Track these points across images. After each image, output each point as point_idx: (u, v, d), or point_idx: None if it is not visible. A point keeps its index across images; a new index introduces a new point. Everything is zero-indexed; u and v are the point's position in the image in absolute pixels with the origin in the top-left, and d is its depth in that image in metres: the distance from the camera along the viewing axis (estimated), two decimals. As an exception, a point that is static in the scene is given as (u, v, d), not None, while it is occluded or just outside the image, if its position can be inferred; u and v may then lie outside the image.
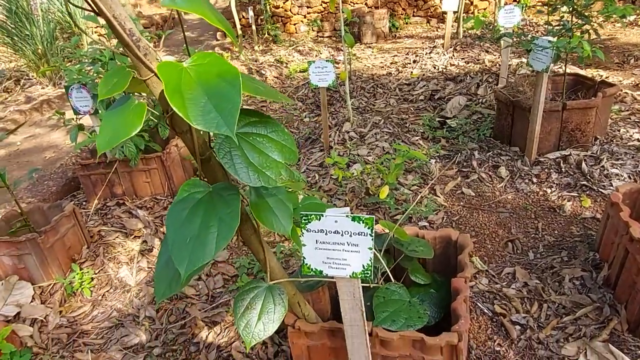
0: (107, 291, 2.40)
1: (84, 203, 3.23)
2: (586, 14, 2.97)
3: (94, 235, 2.70)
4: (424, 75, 5.07)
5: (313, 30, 7.84)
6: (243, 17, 7.66)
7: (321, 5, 7.82)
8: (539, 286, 2.01)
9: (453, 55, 5.47)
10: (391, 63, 5.94)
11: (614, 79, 4.57)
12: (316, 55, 6.66)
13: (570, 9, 2.93)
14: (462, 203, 2.81)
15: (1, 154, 4.74)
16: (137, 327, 2.17)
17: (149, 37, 5.53)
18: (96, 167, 2.97)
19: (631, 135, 3.28)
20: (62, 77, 6.54)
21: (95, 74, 2.92)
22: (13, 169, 4.28)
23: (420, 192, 2.90)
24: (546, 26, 3.13)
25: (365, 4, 7.81)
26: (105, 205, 3.01)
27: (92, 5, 0.80)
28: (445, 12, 5.65)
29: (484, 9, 7.53)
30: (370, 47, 7.02)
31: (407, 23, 7.78)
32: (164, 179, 3.03)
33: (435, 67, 5.24)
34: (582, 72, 4.25)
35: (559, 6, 3.07)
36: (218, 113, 0.79)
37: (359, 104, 4.51)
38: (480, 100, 4.09)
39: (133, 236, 2.72)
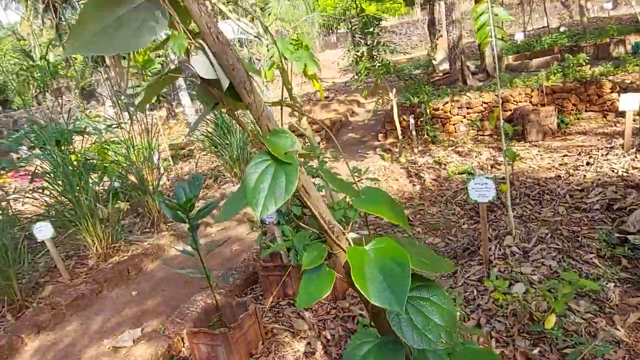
0: (275, 388, 2.69)
1: (260, 297, 3.72)
2: None
3: (267, 332, 3.09)
4: (599, 179, 4.66)
5: (473, 130, 7.93)
6: (403, 119, 8.20)
7: (481, 105, 7.93)
8: None
9: (635, 156, 4.94)
10: (560, 164, 5.61)
11: None
12: (475, 156, 6.68)
13: None
14: (651, 343, 2.44)
15: (201, 242, 5.77)
16: None
17: (318, 143, 6.26)
18: (273, 270, 3.46)
19: None
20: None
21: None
22: (208, 259, 5.15)
23: (595, 323, 2.62)
24: None
25: (530, 101, 7.66)
26: (278, 304, 3.43)
27: (302, 200, 1.12)
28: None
29: (677, 100, 6.68)
30: (535, 145, 6.76)
31: (578, 119, 7.32)
32: (328, 283, 3.35)
33: (613, 171, 4.79)
34: None
35: None
36: (391, 292, 0.99)
37: (523, 212, 4.34)
38: (673, 215, 3.58)
39: (299, 337, 3.03)
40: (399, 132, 7.20)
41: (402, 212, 1.10)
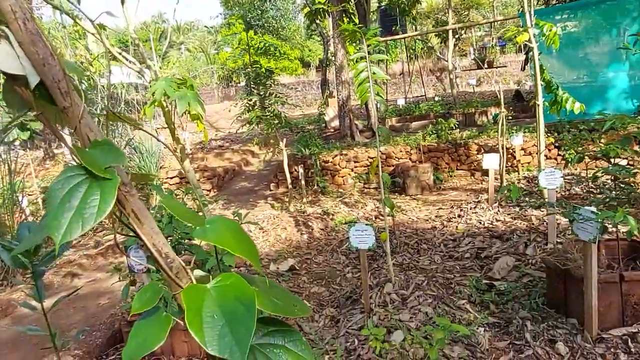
0: None
1: None
2: (630, 182, 2.97)
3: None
4: (469, 230, 5.04)
5: (360, 182, 8.26)
6: (295, 170, 8.27)
7: (367, 160, 8.35)
8: None
9: (498, 210, 5.47)
10: (436, 216, 6.00)
11: (677, 239, 4.31)
12: (362, 207, 6.90)
13: (612, 179, 2.96)
14: (516, 385, 2.53)
15: (63, 294, 4.99)
16: None
17: (209, 190, 5.98)
18: (138, 326, 3.03)
19: None
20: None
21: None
22: (69, 314, 4.43)
23: (468, 369, 2.66)
24: (590, 195, 3.13)
25: (410, 158, 8.26)
26: (140, 367, 2.99)
27: (133, 231, 0.92)
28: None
29: (528, 163, 7.70)
30: (415, 198, 7.21)
31: (451, 176, 8.05)
32: (201, 340, 3.01)
33: (480, 223, 5.23)
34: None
35: (599, 175, 3.11)
36: (233, 337, 0.82)
37: (403, 260, 4.47)
38: (529, 261, 3.94)
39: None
40: (289, 181, 7.21)
41: (253, 247, 0.96)
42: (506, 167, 7.48)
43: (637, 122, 4.84)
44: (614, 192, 2.87)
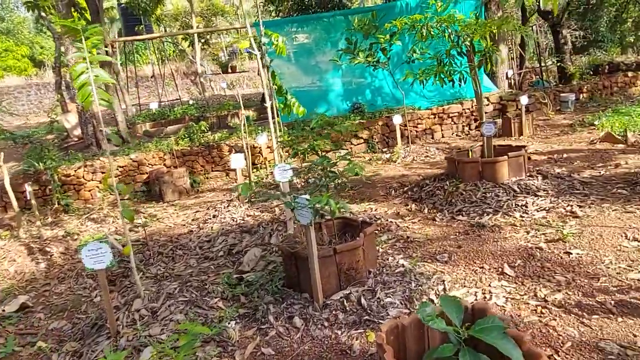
0: None
1: None
2: (335, 170, 3.59)
3: None
4: (223, 229, 5.22)
5: (111, 194, 7.57)
6: (24, 189, 6.99)
7: (117, 170, 7.72)
8: None
9: (249, 206, 5.85)
10: (193, 220, 6.01)
11: (381, 210, 5.45)
12: (113, 222, 6.35)
13: (321, 169, 3.51)
14: (261, 366, 2.77)
15: None
16: None
17: None
18: None
19: (397, 262, 3.84)
20: None
21: None
22: None
23: (218, 364, 2.77)
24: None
25: (164, 164, 8.02)
26: None
27: None
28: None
29: (273, 159, 8.47)
30: (172, 204, 7.05)
31: (207, 178, 8.18)
32: None
33: (233, 220, 5.49)
34: (350, 212, 4.95)
35: (314, 167, 3.65)
36: None
37: (157, 271, 4.32)
38: (273, 250, 4.35)
39: None
40: (15, 204, 6.03)
41: None
42: (255, 164, 8.09)
43: (344, 121, 5.89)
44: (324, 180, 3.43)
